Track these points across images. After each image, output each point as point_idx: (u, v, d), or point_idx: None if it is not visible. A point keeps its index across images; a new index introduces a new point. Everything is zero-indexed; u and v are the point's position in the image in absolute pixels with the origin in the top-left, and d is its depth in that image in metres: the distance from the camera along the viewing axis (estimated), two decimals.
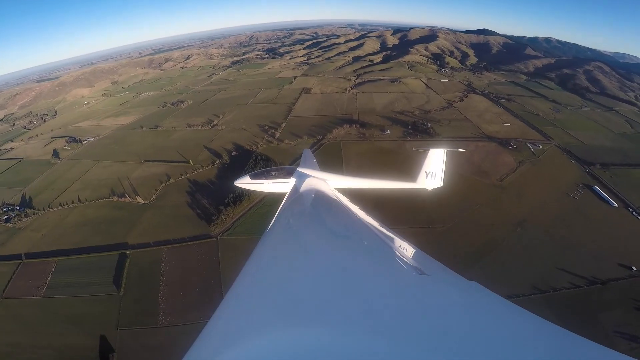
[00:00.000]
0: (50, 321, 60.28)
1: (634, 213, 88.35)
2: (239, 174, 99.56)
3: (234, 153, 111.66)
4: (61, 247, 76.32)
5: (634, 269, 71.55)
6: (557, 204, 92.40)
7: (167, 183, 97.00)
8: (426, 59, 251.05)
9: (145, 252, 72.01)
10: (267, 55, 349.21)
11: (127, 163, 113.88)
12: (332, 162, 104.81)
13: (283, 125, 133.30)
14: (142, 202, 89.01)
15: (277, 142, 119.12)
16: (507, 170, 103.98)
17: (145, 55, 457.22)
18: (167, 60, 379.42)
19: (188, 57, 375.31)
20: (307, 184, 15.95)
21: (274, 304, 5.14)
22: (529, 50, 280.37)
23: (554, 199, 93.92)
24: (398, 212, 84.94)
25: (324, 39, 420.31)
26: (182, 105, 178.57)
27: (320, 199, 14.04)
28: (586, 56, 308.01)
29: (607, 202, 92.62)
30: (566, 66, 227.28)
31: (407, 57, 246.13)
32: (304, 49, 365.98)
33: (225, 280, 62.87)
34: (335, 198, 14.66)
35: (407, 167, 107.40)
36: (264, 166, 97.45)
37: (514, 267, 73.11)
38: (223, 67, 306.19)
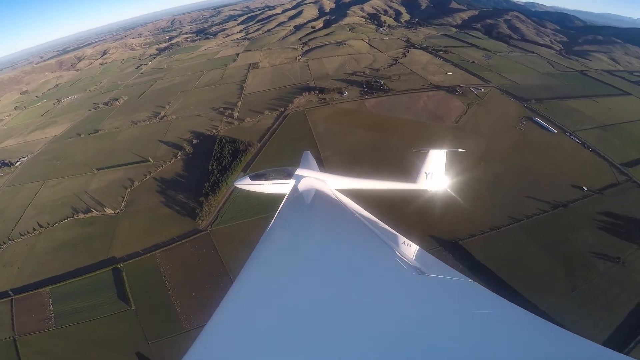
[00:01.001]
0: (79, 350, 55.27)
1: (571, 136, 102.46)
2: (207, 161, 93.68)
3: (195, 141, 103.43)
4: (47, 276, 67.29)
5: (585, 188, 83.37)
6: (508, 136, 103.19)
7: (132, 187, 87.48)
8: (364, 19, 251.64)
9: (138, 262, 66.13)
10: (198, 37, 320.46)
11: (78, 177, 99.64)
12: (300, 130, 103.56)
13: (239, 104, 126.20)
14: (113, 212, 79.80)
15: (238, 121, 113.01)
16: (459, 113, 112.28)
17: (50, 58, 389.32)
18: (80, 59, 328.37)
19: (105, 52, 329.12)
20: (307, 185, 15.78)
21: (273, 304, 5.05)
22: (454, 4, 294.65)
23: (504, 133, 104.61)
24: (380, 167, 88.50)
25: (259, 12, 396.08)
26: (118, 102, 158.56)
27: (320, 200, 13.87)
28: (503, 7, 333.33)
29: (548, 129, 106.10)
30: (488, 17, 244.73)
31: (347, 20, 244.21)
32: (239, 24, 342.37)
33: (232, 269, 60.49)
34: (335, 198, 14.37)
35: (370, 124, 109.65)
36: (231, 149, 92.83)
37: (487, 198, 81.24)
38: (150, 55, 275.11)
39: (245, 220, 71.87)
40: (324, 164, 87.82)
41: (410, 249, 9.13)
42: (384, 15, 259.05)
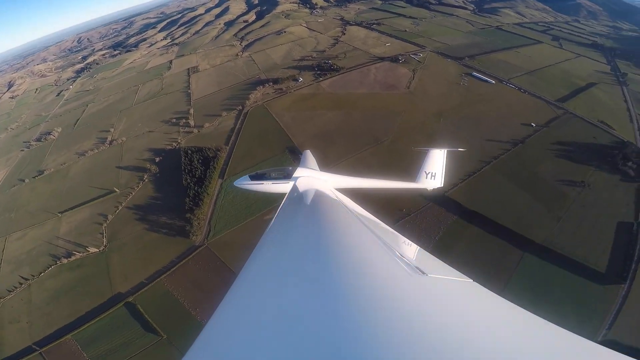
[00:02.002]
0: None
1: (507, 84, 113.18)
2: (177, 177, 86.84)
3: (157, 159, 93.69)
4: (61, 325, 60.18)
5: (534, 125, 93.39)
6: (455, 92, 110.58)
7: (108, 222, 77.56)
8: (296, 4, 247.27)
9: (148, 292, 60.47)
10: (118, 51, 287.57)
11: (41, 225, 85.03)
12: (266, 124, 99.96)
13: (191, 111, 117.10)
14: (97, 250, 70.87)
15: (197, 129, 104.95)
16: (408, 79, 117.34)
17: None
18: None
19: (11, 85, 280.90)
20: (307, 184, 15.49)
21: (273, 304, 5.00)
22: None
23: (451, 90, 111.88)
24: (354, 140, 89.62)
25: (178, 15, 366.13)
26: (52, 136, 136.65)
27: (320, 199, 13.60)
28: None
29: (486, 81, 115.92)
30: None
31: (279, 8, 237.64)
32: (160, 32, 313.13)
33: None
34: (335, 198, 14.19)
35: (332, 104, 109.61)
36: (200, 158, 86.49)
37: (457, 146, 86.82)
38: (68, 79, 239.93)
39: (239, 225, 68.47)
40: (300, 152, 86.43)
41: (410, 249, 8.90)
42: None
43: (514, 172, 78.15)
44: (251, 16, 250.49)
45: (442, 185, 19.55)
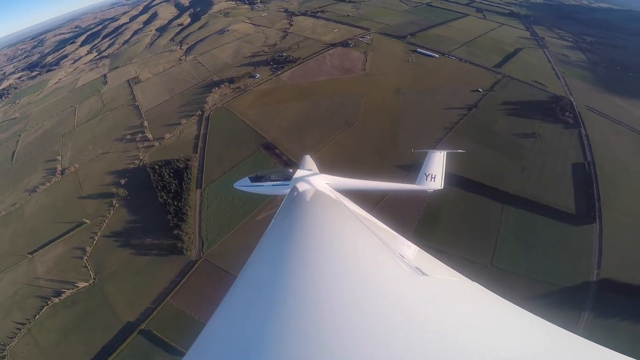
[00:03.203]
0: None
1: (449, 56, 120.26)
2: (150, 195, 79.23)
3: (122, 181, 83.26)
4: None
5: (481, 90, 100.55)
6: (406, 69, 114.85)
7: (88, 254, 68.29)
8: (234, 2, 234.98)
9: (158, 315, 55.44)
10: (37, 72, 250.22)
11: (14, 269, 72.41)
12: (232, 124, 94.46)
13: (145, 124, 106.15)
14: (88, 284, 63.46)
15: (157, 142, 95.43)
16: (362, 62, 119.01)
17: None
18: None
19: None
20: (307, 186, 15.41)
21: (273, 304, 4.99)
22: None
23: (402, 67, 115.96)
24: (326, 126, 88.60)
25: (99, 27, 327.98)
26: None
27: (320, 201, 13.52)
28: None
29: (431, 56, 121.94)
30: None
31: (216, 7, 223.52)
32: (82, 46, 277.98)
33: None
34: (335, 199, 14.03)
35: (296, 95, 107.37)
36: (171, 172, 79.08)
37: (420, 120, 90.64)
38: None
39: (232, 231, 64.60)
40: (275, 148, 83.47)
41: (410, 249, 8.79)
42: None
43: (475, 133, 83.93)
44: (185, 19, 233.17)
45: (442, 187, 19.09)
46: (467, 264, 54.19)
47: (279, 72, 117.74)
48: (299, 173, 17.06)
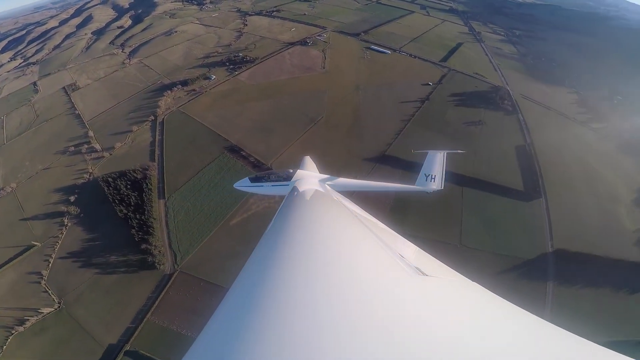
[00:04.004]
0: None
1: (400, 52, 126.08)
2: (106, 210, 72.62)
3: (71, 198, 73.67)
4: None
5: (431, 83, 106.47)
6: (362, 65, 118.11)
7: (45, 278, 60.32)
8: (181, 2, 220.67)
9: (142, 334, 51.02)
10: None
11: None
12: (190, 128, 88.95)
13: (90, 133, 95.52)
14: (53, 309, 56.47)
15: (107, 152, 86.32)
16: (321, 60, 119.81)
17: None
18: None
19: None
20: (307, 186, 15.45)
21: (272, 304, 5.02)
22: None
23: (358, 64, 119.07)
24: (291, 125, 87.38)
25: (22, 32, 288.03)
26: None
27: (319, 201, 13.65)
28: None
29: (384, 52, 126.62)
30: None
31: (160, 9, 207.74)
32: (2, 52, 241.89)
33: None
34: (335, 199, 14.21)
35: (258, 95, 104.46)
36: (127, 183, 72.19)
37: (381, 112, 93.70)
38: None
39: (206, 239, 61.05)
40: (241, 150, 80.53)
41: (409, 249, 8.94)
42: None
43: (429, 122, 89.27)
44: (126, 21, 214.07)
45: (442, 188, 18.87)
46: (441, 245, 57.19)
47: (237, 73, 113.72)
48: (299, 174, 16.93)
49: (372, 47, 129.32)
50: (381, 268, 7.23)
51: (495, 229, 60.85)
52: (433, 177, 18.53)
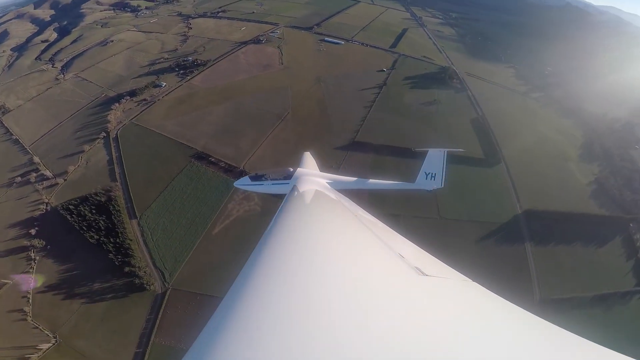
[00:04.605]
0: None
1: (353, 42, 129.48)
2: (73, 239, 66.79)
3: (32, 231, 65.00)
4: None
5: (385, 69, 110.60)
6: (319, 58, 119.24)
7: (30, 315, 55.29)
8: (112, 10, 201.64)
9: (152, 357, 48.59)
10: None
11: None
12: (149, 140, 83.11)
13: (36, 159, 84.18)
14: (51, 344, 52.23)
15: (60, 178, 75.98)
16: (278, 57, 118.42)
17: None
18: None
19: None
20: (307, 185, 15.42)
21: (272, 304, 5.04)
22: None
23: (315, 57, 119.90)
24: (258, 124, 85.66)
25: None
26: None
27: (320, 200, 13.66)
28: None
29: (337, 43, 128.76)
30: None
31: (89, 18, 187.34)
32: None
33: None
34: (335, 198, 14.36)
35: (217, 97, 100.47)
36: (92, 208, 65.65)
37: (344, 101, 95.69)
38: None
39: (191, 253, 58.21)
40: (209, 156, 77.37)
41: (410, 249, 8.91)
42: (131, 0, 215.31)
43: (390, 107, 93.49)
44: (50, 34, 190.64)
45: (442, 186, 19.06)
46: (422, 221, 60.51)
47: (189, 77, 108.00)
48: (299, 172, 16.99)
49: (326, 39, 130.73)
50: (381, 268, 7.24)
51: (467, 198, 65.65)
52: (433, 175, 18.66)
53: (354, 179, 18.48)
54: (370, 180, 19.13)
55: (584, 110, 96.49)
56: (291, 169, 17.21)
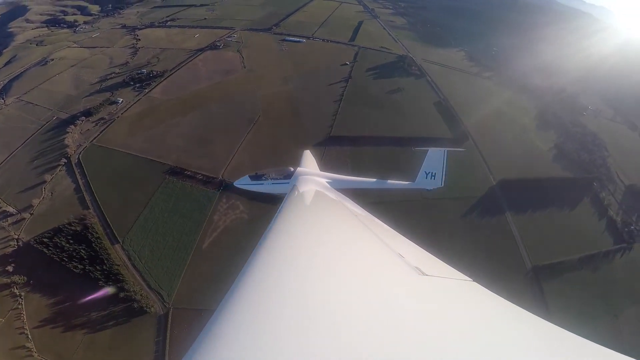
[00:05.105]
0: None
1: (314, 39, 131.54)
2: (56, 270, 66.62)
3: (9, 268, 59.43)
4: None
5: (348, 63, 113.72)
6: (283, 57, 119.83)
7: (35, 350, 51.91)
8: (46, 28, 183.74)
9: None
10: None
11: None
12: (115, 160, 78.72)
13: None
14: None
15: (26, 213, 68.07)
16: (240, 60, 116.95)
17: None
18: None
19: None
20: (307, 184, 15.49)
21: (273, 304, 5.04)
22: None
23: (278, 57, 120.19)
24: (230, 131, 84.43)
25: None
26: None
27: (320, 199, 13.68)
28: None
29: (299, 41, 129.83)
30: None
31: (21, 37, 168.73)
32: None
33: None
34: (335, 198, 14.34)
35: (181, 108, 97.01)
36: (68, 239, 61.06)
37: (313, 98, 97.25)
38: None
39: (184, 270, 56.80)
40: (184, 170, 74.93)
41: (410, 249, 8.98)
42: (66, 15, 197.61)
43: (358, 98, 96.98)
44: None
45: (442, 185, 19.09)
46: (408, 204, 63.44)
47: (147, 90, 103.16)
48: (299, 171, 17.04)
49: (287, 38, 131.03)
50: (382, 267, 7.32)
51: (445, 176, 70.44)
52: (433, 174, 18.84)
53: (354, 178, 18.73)
54: (371, 179, 19.23)
55: (532, 84, 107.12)
56: (291, 168, 17.28)
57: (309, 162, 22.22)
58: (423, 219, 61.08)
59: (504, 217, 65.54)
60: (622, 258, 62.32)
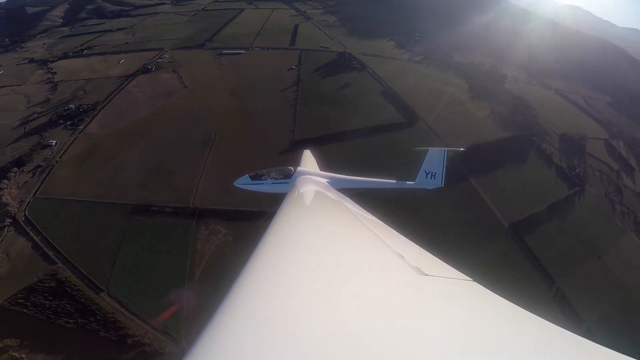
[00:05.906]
0: None
1: (254, 49, 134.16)
2: (49, 327, 62.57)
3: None
4: None
5: (294, 67, 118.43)
6: (225, 72, 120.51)
7: None
8: None
9: None
10: None
11: None
12: (73, 212, 71.50)
13: None
14: None
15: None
16: (177, 81, 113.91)
17: None
18: None
19: None
20: (307, 184, 15.72)
21: (273, 305, 5.01)
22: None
23: (220, 72, 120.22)
24: (186, 157, 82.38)
25: None
26: None
27: (320, 199, 13.92)
28: None
29: (239, 53, 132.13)
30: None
31: None
32: None
33: None
34: (335, 198, 14.68)
35: (126, 139, 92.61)
36: (47, 297, 54.66)
37: (267, 106, 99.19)
38: None
39: (184, 304, 54.68)
40: (151, 206, 71.27)
41: (410, 249, 9.14)
42: None
43: (312, 99, 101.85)
44: None
45: (442, 185, 19.31)
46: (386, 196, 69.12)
47: (82, 127, 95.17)
48: (299, 171, 17.40)
49: (225, 52, 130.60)
50: (382, 267, 7.46)
51: (408, 157, 77.22)
52: (433, 174, 19.10)
53: (354, 178, 19.17)
54: (370, 179, 19.65)
55: (455, 62, 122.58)
56: (291, 168, 17.58)
57: (309, 161, 22.75)
58: (398, 200, 66.62)
59: (469, 182, 74.78)
60: (581, 202, 74.52)
